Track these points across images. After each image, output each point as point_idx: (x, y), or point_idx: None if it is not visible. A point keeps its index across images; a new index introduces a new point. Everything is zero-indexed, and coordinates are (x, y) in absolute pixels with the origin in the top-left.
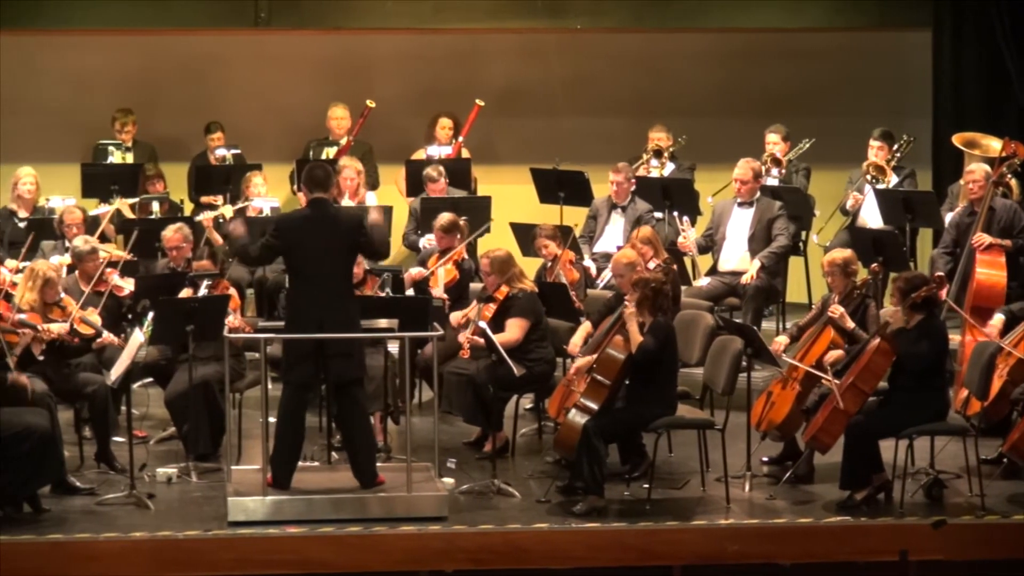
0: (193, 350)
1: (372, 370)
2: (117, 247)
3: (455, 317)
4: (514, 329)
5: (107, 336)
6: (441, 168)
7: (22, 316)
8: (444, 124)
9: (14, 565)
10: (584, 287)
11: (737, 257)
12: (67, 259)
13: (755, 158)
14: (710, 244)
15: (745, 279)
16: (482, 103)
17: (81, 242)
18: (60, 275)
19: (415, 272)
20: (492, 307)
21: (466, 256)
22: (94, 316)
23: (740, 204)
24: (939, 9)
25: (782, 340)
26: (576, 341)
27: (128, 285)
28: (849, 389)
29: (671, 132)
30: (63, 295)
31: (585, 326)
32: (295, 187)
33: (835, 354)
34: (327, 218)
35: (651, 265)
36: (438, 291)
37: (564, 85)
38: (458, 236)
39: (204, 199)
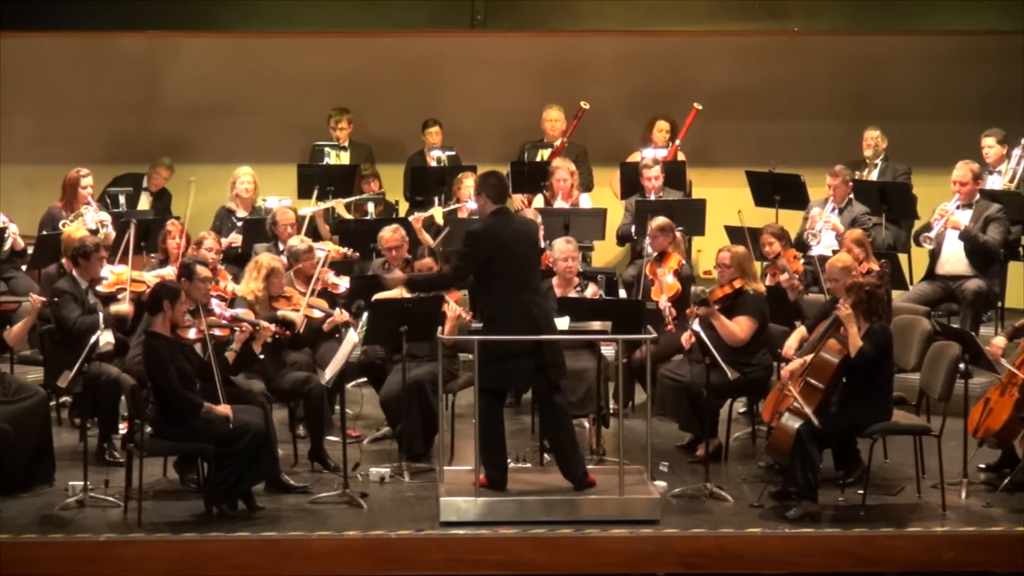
0: (407, 350)
1: (585, 372)
2: (334, 245)
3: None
4: (743, 326)
5: (337, 314)
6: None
7: (236, 311)
8: (661, 127)
9: (229, 561)
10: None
11: (955, 260)
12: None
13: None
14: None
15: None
16: (700, 106)
17: (297, 241)
18: (283, 267)
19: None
20: (715, 308)
21: (684, 262)
22: (319, 300)
23: (958, 207)
24: None
25: (999, 342)
26: (791, 344)
27: (343, 283)
28: None
29: (885, 135)
30: (287, 287)
31: (800, 330)
32: (510, 189)
33: None
34: (518, 225)
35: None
36: (662, 302)
37: (780, 88)
38: (672, 238)
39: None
